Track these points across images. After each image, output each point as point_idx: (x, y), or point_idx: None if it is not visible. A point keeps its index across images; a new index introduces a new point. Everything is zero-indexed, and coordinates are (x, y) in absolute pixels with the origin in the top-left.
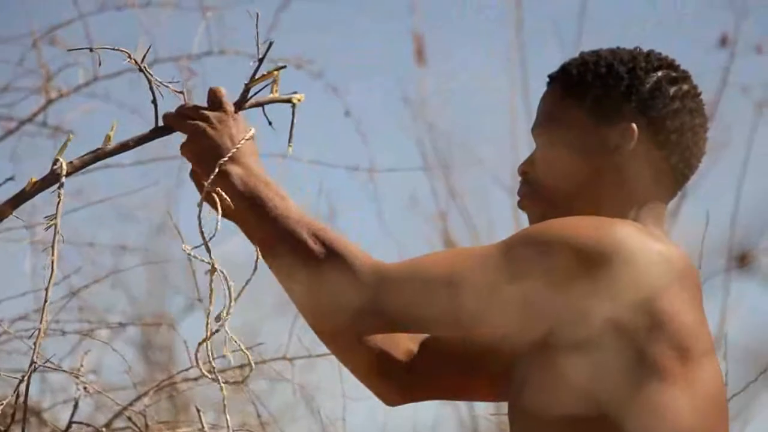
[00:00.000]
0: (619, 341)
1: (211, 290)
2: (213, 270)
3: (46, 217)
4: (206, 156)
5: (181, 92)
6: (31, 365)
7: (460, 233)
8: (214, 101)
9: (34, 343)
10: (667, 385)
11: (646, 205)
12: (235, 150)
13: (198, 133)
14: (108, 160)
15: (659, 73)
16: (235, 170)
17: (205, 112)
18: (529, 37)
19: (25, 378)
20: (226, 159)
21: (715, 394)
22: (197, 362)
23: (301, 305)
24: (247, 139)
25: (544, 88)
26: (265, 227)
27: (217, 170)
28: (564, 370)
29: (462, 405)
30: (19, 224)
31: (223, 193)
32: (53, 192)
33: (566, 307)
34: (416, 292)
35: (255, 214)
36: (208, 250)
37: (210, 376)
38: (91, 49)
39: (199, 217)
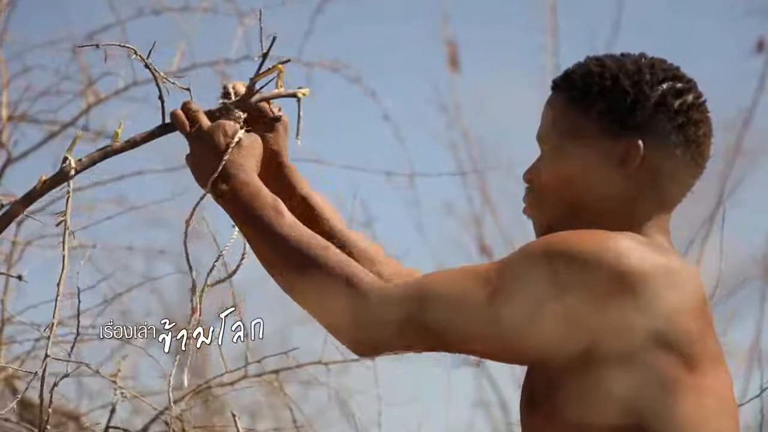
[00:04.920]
0: (622, 355)
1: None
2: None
3: (56, 213)
4: (200, 172)
5: (187, 89)
6: (45, 358)
7: (494, 239)
8: (192, 120)
9: (48, 337)
10: (677, 394)
11: (651, 217)
12: (222, 166)
13: (193, 144)
14: (141, 167)
15: (664, 86)
16: (223, 187)
17: (201, 122)
18: (563, 43)
19: (40, 372)
20: (212, 178)
21: (726, 399)
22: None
23: (312, 315)
24: (233, 147)
25: None
26: (261, 244)
27: (204, 194)
28: (572, 385)
29: (496, 411)
30: (55, 231)
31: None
32: (62, 189)
33: (560, 324)
34: (449, 315)
35: (250, 232)
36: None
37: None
38: (97, 46)
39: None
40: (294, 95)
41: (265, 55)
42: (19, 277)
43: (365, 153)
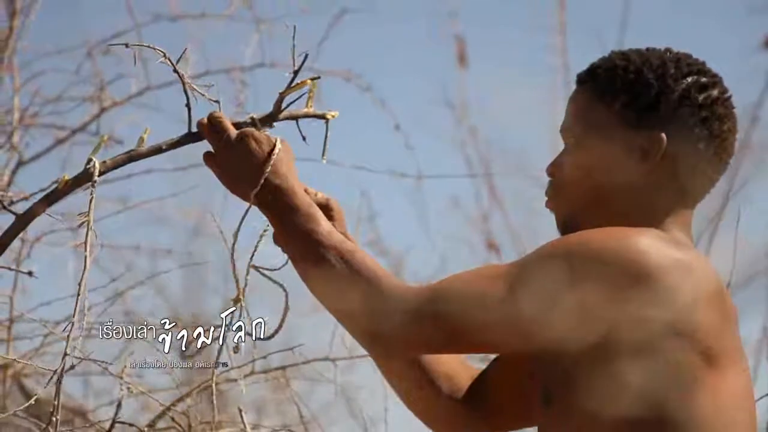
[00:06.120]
0: (638, 349)
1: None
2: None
3: (79, 214)
4: (237, 180)
5: (217, 101)
6: (64, 357)
7: (502, 237)
8: (218, 128)
9: (67, 336)
10: (693, 390)
11: (672, 212)
12: (267, 169)
13: (223, 152)
14: (151, 166)
15: (688, 80)
16: (267, 195)
17: (229, 130)
18: (571, 41)
19: (59, 370)
20: (260, 184)
21: (743, 396)
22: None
23: (337, 318)
24: (276, 154)
25: None
26: (292, 246)
27: (254, 194)
28: (588, 379)
29: None
30: (63, 227)
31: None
32: (86, 189)
33: (576, 314)
34: (467, 308)
35: (283, 232)
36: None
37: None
38: (126, 45)
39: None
40: (323, 116)
41: (296, 72)
42: (30, 273)
43: (370, 150)
